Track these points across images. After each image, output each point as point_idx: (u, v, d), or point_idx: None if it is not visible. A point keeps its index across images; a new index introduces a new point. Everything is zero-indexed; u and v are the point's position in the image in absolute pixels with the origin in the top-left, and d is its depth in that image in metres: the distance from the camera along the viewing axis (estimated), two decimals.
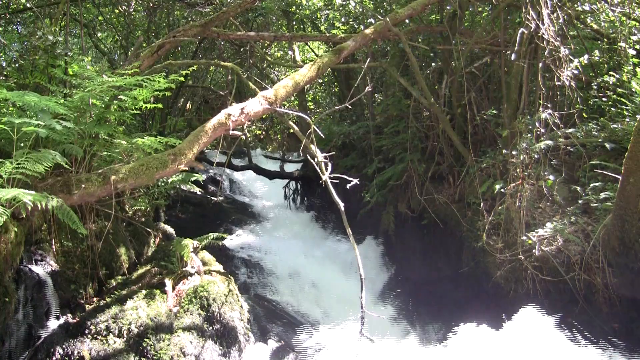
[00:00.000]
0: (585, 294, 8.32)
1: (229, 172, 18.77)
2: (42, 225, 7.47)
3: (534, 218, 9.41)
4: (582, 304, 8.30)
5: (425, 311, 10.58)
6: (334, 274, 13.12)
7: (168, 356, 7.05)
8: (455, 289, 10.87)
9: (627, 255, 7.97)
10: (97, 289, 7.99)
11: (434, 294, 11.20)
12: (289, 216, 17.54)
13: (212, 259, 8.89)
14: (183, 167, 7.48)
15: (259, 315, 9.78)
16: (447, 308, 10.46)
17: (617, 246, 8.06)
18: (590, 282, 8.36)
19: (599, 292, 8.20)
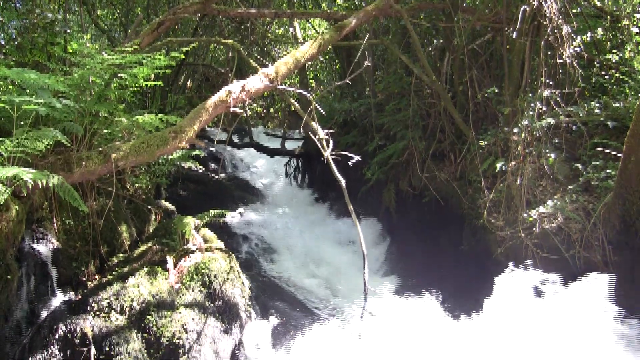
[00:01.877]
0: (585, 271, 8.34)
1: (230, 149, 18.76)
2: (43, 204, 7.48)
3: (535, 196, 9.41)
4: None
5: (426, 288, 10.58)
6: (335, 250, 13.16)
7: (170, 332, 7.07)
8: (455, 266, 10.90)
9: (628, 233, 7.98)
10: (99, 266, 8.01)
11: (434, 271, 11.22)
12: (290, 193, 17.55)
13: (214, 236, 8.89)
14: (184, 144, 7.48)
15: (261, 292, 9.81)
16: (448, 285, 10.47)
17: (617, 224, 8.07)
18: (590, 260, 8.38)
19: (598, 270, 8.21)
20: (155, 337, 6.97)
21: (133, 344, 6.85)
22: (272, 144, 19.11)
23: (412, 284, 11.15)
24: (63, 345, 6.65)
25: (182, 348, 7.03)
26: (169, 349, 6.98)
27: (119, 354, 6.71)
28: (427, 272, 11.34)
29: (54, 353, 6.60)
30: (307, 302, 10.71)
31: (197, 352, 7.14)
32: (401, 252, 12.82)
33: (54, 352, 6.60)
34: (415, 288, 10.43)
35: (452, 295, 9.47)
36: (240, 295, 8.10)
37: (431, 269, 11.36)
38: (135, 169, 9.05)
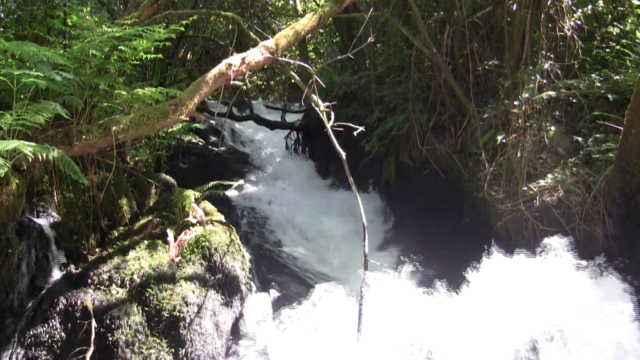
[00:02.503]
0: (585, 244, 8.35)
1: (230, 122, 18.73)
2: (44, 177, 7.48)
3: (535, 169, 9.41)
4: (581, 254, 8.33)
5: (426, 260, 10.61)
6: (335, 222, 13.17)
7: (170, 306, 7.10)
8: (455, 239, 10.92)
9: (628, 206, 7.98)
10: (99, 239, 8.02)
11: (434, 244, 11.24)
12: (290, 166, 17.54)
13: (214, 209, 8.90)
14: (184, 117, 7.47)
15: (261, 265, 9.83)
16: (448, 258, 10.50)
17: (617, 197, 8.07)
18: (591, 233, 8.39)
19: (598, 242, 8.23)
20: (156, 310, 7.00)
21: (134, 317, 6.88)
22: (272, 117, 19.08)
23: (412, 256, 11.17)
24: (64, 319, 6.68)
25: (183, 321, 7.06)
26: (170, 322, 7.01)
27: (120, 327, 6.74)
28: (427, 245, 11.36)
29: (55, 326, 6.63)
30: (307, 274, 10.73)
31: (198, 325, 7.18)
32: (401, 224, 12.84)
33: (54, 325, 6.63)
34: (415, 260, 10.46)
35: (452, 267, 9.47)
36: (241, 268, 8.13)
37: (431, 241, 11.38)
38: (135, 142, 9.03)
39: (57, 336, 6.62)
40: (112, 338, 6.69)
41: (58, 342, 6.60)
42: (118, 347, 6.68)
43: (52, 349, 6.58)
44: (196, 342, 7.11)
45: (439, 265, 10.00)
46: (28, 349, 6.52)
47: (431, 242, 11.36)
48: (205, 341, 7.18)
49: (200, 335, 7.17)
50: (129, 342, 6.73)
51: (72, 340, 6.59)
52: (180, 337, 7.03)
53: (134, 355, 6.70)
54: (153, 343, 6.88)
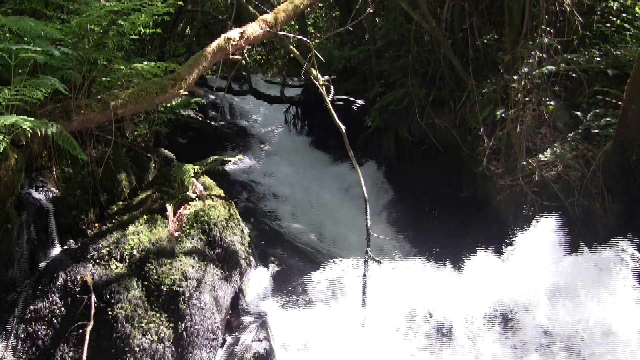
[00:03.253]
0: (584, 219, 8.37)
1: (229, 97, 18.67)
2: (43, 152, 7.46)
3: (535, 143, 9.41)
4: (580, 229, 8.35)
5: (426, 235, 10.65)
6: (335, 198, 13.19)
7: (170, 280, 7.11)
8: (455, 214, 10.94)
9: (627, 181, 8.00)
10: (99, 214, 8.02)
11: (434, 218, 11.28)
12: (289, 141, 17.52)
13: (213, 184, 8.90)
14: (183, 92, 7.46)
15: (260, 240, 9.87)
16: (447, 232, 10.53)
17: (616, 172, 8.08)
18: (589, 208, 8.41)
19: (597, 217, 8.25)
20: (155, 285, 7.02)
21: (133, 291, 6.90)
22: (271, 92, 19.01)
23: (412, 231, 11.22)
24: (63, 294, 6.70)
25: (182, 296, 7.08)
26: (169, 297, 7.03)
27: (119, 302, 6.76)
28: (426, 219, 11.39)
29: (55, 301, 6.64)
30: (306, 248, 10.76)
31: (197, 300, 7.19)
32: (400, 199, 12.86)
33: (54, 300, 6.64)
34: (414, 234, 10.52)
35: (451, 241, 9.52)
36: (240, 243, 8.14)
37: (430, 216, 11.40)
38: (134, 116, 9.00)
39: (57, 311, 6.64)
40: (111, 313, 6.71)
41: (58, 317, 6.62)
42: (118, 321, 6.71)
43: (52, 324, 6.60)
44: (195, 316, 7.13)
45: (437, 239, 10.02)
46: (28, 324, 6.53)
47: (430, 216, 11.38)
48: (204, 315, 7.20)
49: (200, 309, 7.19)
50: (129, 317, 6.76)
51: (72, 315, 6.61)
52: (180, 311, 7.05)
53: (133, 329, 6.72)
54: (153, 317, 6.91)
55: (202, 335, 7.14)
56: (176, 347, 6.97)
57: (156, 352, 6.79)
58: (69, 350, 6.53)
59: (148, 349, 6.76)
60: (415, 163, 12.60)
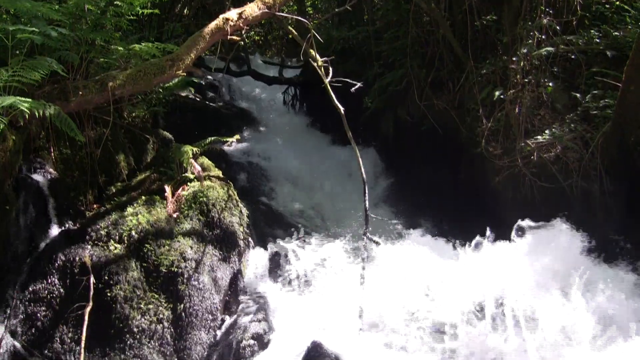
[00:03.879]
0: (583, 201, 8.38)
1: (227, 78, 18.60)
2: (40, 133, 7.45)
3: (533, 125, 9.40)
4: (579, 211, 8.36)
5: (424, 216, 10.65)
6: (334, 179, 13.18)
7: (168, 261, 7.13)
8: (453, 195, 10.95)
9: (625, 162, 8.00)
10: (97, 195, 8.01)
11: (432, 199, 11.27)
12: (288, 122, 17.48)
13: (211, 165, 8.90)
14: (181, 72, 7.44)
15: (259, 221, 9.87)
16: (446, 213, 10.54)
17: (615, 154, 8.08)
18: (588, 189, 8.41)
19: (595, 199, 8.25)
20: (154, 266, 7.04)
21: (132, 272, 6.91)
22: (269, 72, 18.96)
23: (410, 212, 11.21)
24: (62, 275, 6.72)
25: (181, 277, 7.10)
26: (168, 278, 7.05)
27: (118, 283, 6.78)
28: (425, 200, 11.39)
29: (54, 282, 6.66)
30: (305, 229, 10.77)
31: (196, 281, 7.21)
32: (399, 180, 12.85)
33: (53, 281, 6.66)
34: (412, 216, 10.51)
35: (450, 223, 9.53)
36: (239, 224, 8.15)
37: (429, 197, 11.40)
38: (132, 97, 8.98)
39: (56, 292, 6.66)
40: (110, 294, 6.73)
41: (57, 298, 6.64)
42: (117, 302, 6.73)
43: (51, 305, 6.62)
44: (194, 297, 7.15)
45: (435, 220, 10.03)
46: (27, 305, 6.56)
47: (429, 198, 11.38)
48: (203, 296, 7.22)
49: (199, 290, 7.21)
50: (128, 298, 6.78)
51: (71, 296, 6.63)
52: (179, 292, 7.07)
53: (132, 310, 6.75)
54: (151, 298, 6.93)
55: (201, 316, 7.17)
56: (175, 327, 7.00)
57: (155, 333, 6.82)
58: (68, 331, 6.56)
59: (147, 330, 6.79)
60: (414, 144, 12.58)
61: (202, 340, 7.16)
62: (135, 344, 6.72)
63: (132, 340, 6.71)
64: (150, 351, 6.77)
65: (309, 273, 8.23)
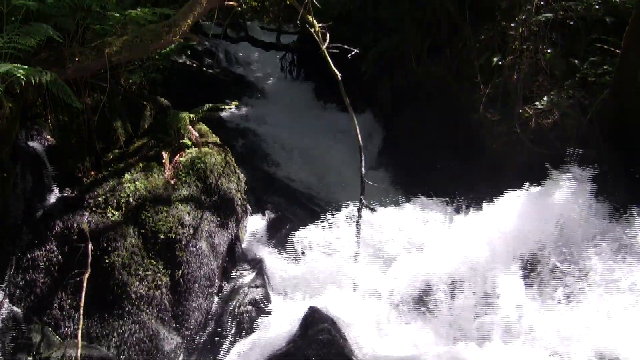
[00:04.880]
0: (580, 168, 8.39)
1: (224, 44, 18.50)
2: (37, 100, 7.43)
3: (531, 91, 9.38)
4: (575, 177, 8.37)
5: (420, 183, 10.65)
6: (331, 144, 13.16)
7: (166, 228, 7.15)
8: (451, 161, 10.93)
9: (622, 129, 7.99)
10: (94, 162, 8.00)
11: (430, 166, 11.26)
12: (285, 88, 17.42)
13: (209, 131, 8.89)
14: (177, 38, 7.42)
15: (256, 187, 9.87)
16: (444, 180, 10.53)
17: (612, 121, 8.07)
18: (585, 156, 8.41)
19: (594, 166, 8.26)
20: (152, 233, 7.06)
21: (130, 239, 6.94)
22: (267, 38, 18.87)
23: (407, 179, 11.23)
24: (60, 242, 6.74)
25: (179, 243, 7.13)
26: (166, 244, 7.08)
27: (116, 250, 6.80)
28: (422, 167, 11.38)
29: (52, 249, 6.69)
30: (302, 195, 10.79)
31: (194, 247, 7.24)
32: (396, 147, 12.83)
33: (51, 248, 6.69)
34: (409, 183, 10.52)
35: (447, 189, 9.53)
36: (236, 190, 8.17)
37: (426, 164, 11.39)
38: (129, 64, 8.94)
39: (54, 259, 6.69)
40: (108, 261, 6.76)
41: (55, 265, 6.67)
42: (115, 269, 6.76)
43: (50, 272, 6.65)
44: (192, 263, 7.18)
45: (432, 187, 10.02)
46: (25, 273, 6.58)
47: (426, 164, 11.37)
48: (201, 263, 7.26)
49: (196, 256, 7.24)
50: (126, 265, 6.81)
51: (69, 263, 6.66)
52: (177, 258, 7.10)
53: (130, 277, 6.78)
54: (149, 265, 6.96)
55: (199, 282, 7.21)
56: (173, 294, 7.04)
57: (153, 299, 6.86)
58: (66, 298, 6.60)
59: (145, 296, 6.82)
60: (411, 110, 12.55)
61: (200, 306, 7.21)
62: (133, 310, 6.76)
63: (130, 307, 6.75)
64: (148, 317, 6.81)
65: (307, 239, 8.25)
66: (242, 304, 7.27)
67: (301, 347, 6.01)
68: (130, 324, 6.73)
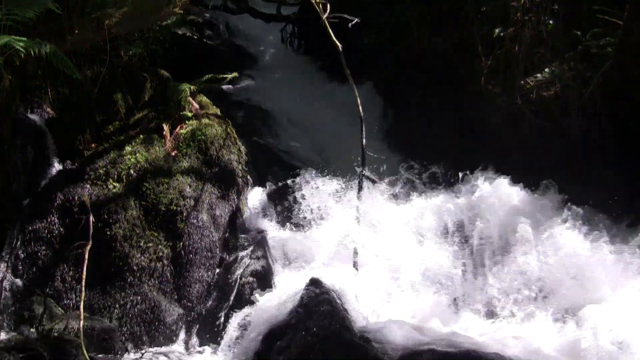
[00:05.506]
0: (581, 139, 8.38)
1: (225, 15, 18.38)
2: (37, 73, 7.40)
3: (533, 63, 9.34)
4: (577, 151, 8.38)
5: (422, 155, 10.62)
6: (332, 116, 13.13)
7: (167, 199, 7.17)
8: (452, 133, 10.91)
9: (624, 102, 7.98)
10: (95, 135, 7.98)
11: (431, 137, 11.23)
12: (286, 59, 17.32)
13: (209, 103, 8.86)
14: (178, 10, 7.38)
15: (257, 159, 9.86)
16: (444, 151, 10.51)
17: (614, 93, 8.05)
18: (587, 128, 8.40)
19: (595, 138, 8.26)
20: (153, 204, 7.08)
21: (131, 211, 6.96)
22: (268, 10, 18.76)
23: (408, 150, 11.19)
24: (62, 214, 6.76)
25: (180, 215, 7.15)
26: (167, 216, 7.10)
27: (117, 222, 6.82)
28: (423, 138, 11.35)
29: (54, 222, 6.71)
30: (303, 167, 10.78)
31: (195, 219, 7.26)
32: (398, 118, 12.80)
33: (53, 220, 6.71)
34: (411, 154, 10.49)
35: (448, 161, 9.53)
36: (237, 162, 8.17)
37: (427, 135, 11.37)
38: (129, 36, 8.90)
39: (55, 232, 6.71)
40: (110, 233, 6.78)
41: (57, 237, 6.70)
42: (116, 241, 6.79)
43: (52, 245, 6.68)
44: (193, 235, 7.21)
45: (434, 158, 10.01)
46: (27, 245, 6.61)
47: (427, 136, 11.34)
48: (202, 234, 7.28)
49: (198, 228, 7.26)
50: (127, 236, 6.83)
51: (70, 236, 6.69)
52: (178, 230, 7.12)
53: (132, 249, 6.80)
54: (151, 237, 6.98)
55: (201, 253, 7.24)
56: (175, 265, 7.07)
57: (155, 271, 6.89)
58: (68, 270, 6.63)
59: (147, 268, 6.85)
60: (413, 82, 12.51)
61: (201, 277, 7.24)
62: (135, 282, 6.80)
63: (132, 278, 6.78)
64: (150, 289, 6.85)
65: (308, 210, 8.27)
66: (243, 275, 7.30)
67: (302, 318, 6.02)
68: (132, 296, 6.77)
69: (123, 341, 6.69)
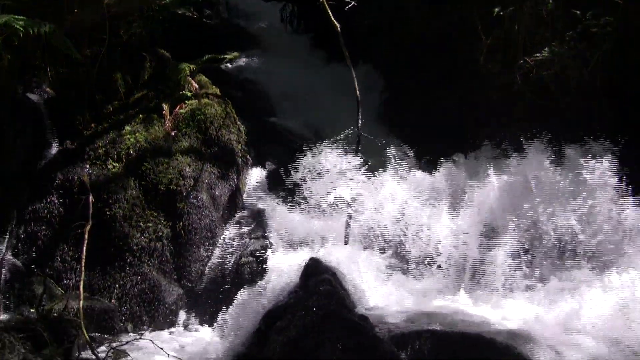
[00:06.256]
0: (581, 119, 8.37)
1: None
2: (37, 52, 7.39)
3: (533, 42, 9.32)
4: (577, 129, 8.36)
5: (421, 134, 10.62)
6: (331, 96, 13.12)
7: (167, 179, 7.18)
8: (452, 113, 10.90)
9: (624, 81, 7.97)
10: (94, 114, 7.98)
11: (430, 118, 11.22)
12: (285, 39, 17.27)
13: (209, 82, 8.85)
14: None
15: (257, 138, 9.86)
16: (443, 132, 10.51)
17: (614, 72, 8.04)
18: (586, 108, 8.40)
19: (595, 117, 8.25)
20: (153, 184, 7.09)
21: (131, 190, 6.97)
22: None
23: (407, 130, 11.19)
24: (62, 194, 6.78)
25: (180, 194, 7.16)
26: (166, 196, 7.11)
27: (117, 201, 6.84)
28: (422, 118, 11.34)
29: (53, 202, 6.73)
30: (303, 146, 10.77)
31: (195, 198, 7.28)
32: (397, 98, 12.78)
33: (53, 200, 6.73)
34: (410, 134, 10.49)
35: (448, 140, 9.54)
36: (237, 141, 8.17)
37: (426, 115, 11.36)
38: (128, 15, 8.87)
39: (55, 211, 6.73)
40: (109, 212, 6.80)
41: (57, 217, 6.72)
42: (116, 221, 6.81)
43: (51, 224, 6.70)
44: (193, 214, 7.22)
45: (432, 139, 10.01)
46: (27, 225, 6.63)
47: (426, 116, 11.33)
48: (202, 214, 7.30)
49: (197, 208, 7.28)
50: (127, 216, 6.85)
51: (70, 216, 6.71)
52: (177, 210, 7.14)
53: (131, 228, 6.82)
54: (150, 216, 7.00)
55: (200, 233, 7.26)
56: (174, 245, 7.09)
57: (155, 251, 6.91)
58: (68, 250, 6.66)
59: (147, 248, 6.88)
60: (412, 61, 12.48)
61: (201, 257, 7.27)
62: (135, 262, 6.83)
63: (131, 258, 6.81)
64: (149, 269, 6.88)
65: (307, 190, 8.27)
66: (243, 254, 7.32)
67: (302, 298, 6.04)
68: (132, 276, 6.81)
69: (123, 321, 6.74)
